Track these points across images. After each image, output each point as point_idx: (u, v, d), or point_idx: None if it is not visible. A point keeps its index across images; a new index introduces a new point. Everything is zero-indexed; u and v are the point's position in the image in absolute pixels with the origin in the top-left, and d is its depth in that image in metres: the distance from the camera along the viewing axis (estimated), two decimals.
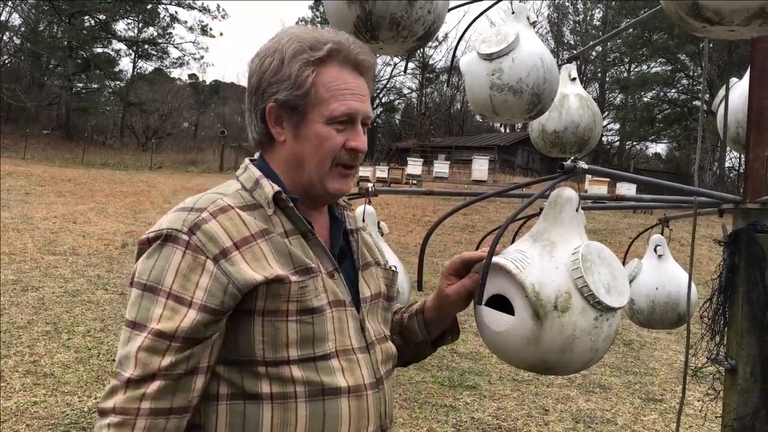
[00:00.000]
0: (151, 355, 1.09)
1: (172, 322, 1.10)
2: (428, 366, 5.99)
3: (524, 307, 1.31)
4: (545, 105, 2.12)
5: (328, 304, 1.20)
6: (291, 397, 1.14)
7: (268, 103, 1.23)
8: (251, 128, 1.29)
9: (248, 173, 1.27)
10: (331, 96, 1.22)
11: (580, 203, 1.40)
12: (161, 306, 1.11)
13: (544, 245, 1.36)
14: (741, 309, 1.70)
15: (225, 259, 1.13)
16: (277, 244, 1.18)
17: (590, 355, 1.33)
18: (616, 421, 5.05)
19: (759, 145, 1.77)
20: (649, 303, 2.61)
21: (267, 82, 1.23)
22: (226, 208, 1.18)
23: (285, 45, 1.23)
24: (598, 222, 16.80)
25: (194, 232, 1.13)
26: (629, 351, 7.17)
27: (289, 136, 1.24)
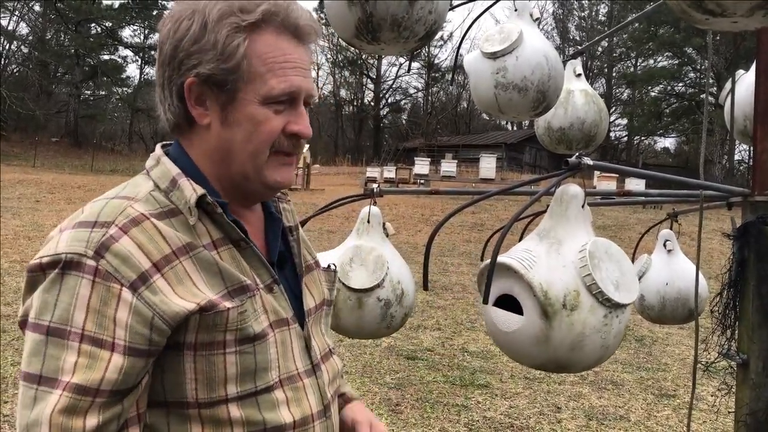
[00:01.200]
0: (71, 416, 0.87)
1: (94, 373, 0.88)
2: (439, 365, 5.99)
3: (533, 307, 1.30)
4: (550, 102, 2.11)
5: (270, 326, 1.01)
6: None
7: (187, 78, 0.99)
8: (164, 107, 1.04)
9: (162, 168, 1.03)
10: (268, 70, 0.99)
11: (586, 199, 1.39)
12: (74, 352, 0.88)
13: (551, 243, 1.36)
14: (752, 303, 1.69)
15: (145, 285, 0.91)
16: (204, 261, 0.97)
17: (601, 353, 1.32)
18: (629, 418, 5.02)
19: (767, 137, 1.75)
20: (659, 299, 2.60)
21: (185, 51, 0.99)
22: (138, 218, 0.95)
23: (207, 5, 0.99)
24: (607, 218, 16.74)
25: (102, 254, 0.90)
26: (641, 347, 7.14)
27: (215, 119, 1.01)
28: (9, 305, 6.86)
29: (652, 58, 39.25)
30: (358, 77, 46.39)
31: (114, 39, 40.23)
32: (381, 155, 37.85)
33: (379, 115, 47.08)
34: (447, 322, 7.63)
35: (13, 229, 11.04)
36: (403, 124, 49.39)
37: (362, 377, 5.47)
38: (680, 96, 38.09)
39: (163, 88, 1.03)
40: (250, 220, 1.09)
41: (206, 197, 0.99)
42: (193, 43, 0.98)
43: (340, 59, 45.00)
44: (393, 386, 5.34)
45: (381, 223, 2.08)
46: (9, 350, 5.47)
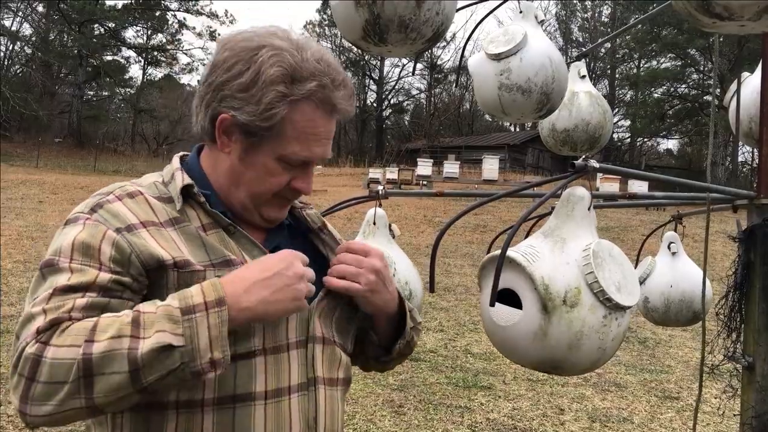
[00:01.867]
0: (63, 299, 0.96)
1: (84, 278, 0.98)
2: (442, 367, 5.99)
3: (533, 301, 1.30)
4: (554, 104, 2.11)
5: None
6: (197, 405, 1.02)
7: (223, 112, 1.08)
8: (197, 118, 1.14)
9: (170, 166, 1.17)
10: (296, 137, 1.09)
11: (592, 202, 1.39)
12: (67, 272, 0.99)
13: (555, 241, 1.36)
14: (757, 305, 1.69)
15: (129, 232, 1.03)
16: (190, 234, 1.07)
17: (598, 355, 1.32)
18: (633, 420, 5.01)
19: None
20: (663, 301, 2.59)
21: (230, 91, 1.07)
22: (134, 193, 1.09)
23: (265, 61, 1.06)
24: (610, 219, 16.71)
25: (96, 210, 1.05)
26: (644, 349, 7.13)
27: (234, 153, 1.11)
28: (12, 305, 6.87)
29: (655, 60, 39.21)
30: (361, 78, 46.39)
31: (117, 40, 40.28)
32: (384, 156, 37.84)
33: (382, 116, 47.10)
34: (450, 323, 7.63)
35: (16, 230, 11.06)
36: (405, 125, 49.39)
37: (365, 379, 5.46)
38: (683, 98, 38.05)
39: (201, 101, 1.12)
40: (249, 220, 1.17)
41: (192, 187, 1.10)
42: (241, 90, 1.07)
43: (342, 60, 45.03)
44: (396, 388, 5.34)
45: (387, 224, 2.08)
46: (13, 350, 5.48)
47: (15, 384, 0.92)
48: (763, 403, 1.66)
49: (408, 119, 49.87)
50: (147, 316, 0.93)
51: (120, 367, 0.89)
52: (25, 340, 0.92)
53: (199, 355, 0.93)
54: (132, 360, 0.89)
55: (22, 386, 0.91)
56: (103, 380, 0.89)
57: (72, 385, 0.89)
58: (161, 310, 0.93)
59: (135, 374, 0.90)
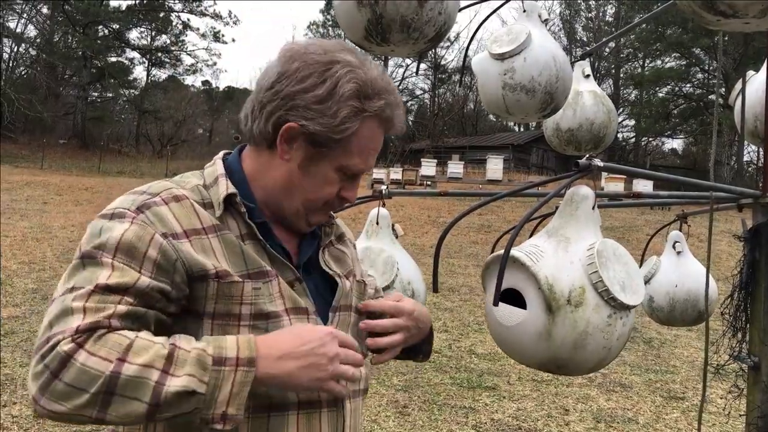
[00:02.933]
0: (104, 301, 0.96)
1: (125, 278, 0.98)
2: (446, 368, 5.98)
3: (537, 300, 1.30)
4: (559, 103, 2.11)
5: (285, 311, 1.10)
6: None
7: (291, 121, 1.10)
8: (254, 123, 1.15)
9: (213, 168, 1.18)
10: (359, 151, 1.14)
11: (596, 201, 1.39)
12: (108, 268, 0.99)
13: (559, 240, 1.36)
14: (763, 305, 1.68)
15: (174, 238, 1.04)
16: (229, 242, 1.09)
17: (603, 354, 1.32)
18: (638, 420, 5.00)
19: None
20: (668, 300, 2.59)
21: (304, 102, 1.10)
22: (180, 196, 1.09)
23: (341, 76, 1.10)
24: (615, 219, 16.67)
25: (143, 210, 1.05)
26: (649, 349, 7.11)
27: (294, 161, 1.13)
28: (17, 306, 6.89)
29: (659, 59, 39.11)
30: None
31: (121, 41, 40.38)
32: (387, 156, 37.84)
33: None
34: (454, 323, 7.62)
35: (21, 231, 11.09)
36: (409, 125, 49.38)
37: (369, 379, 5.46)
38: (688, 97, 37.93)
39: (262, 108, 1.12)
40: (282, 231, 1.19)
41: (236, 196, 1.12)
42: (316, 102, 1.09)
43: None
44: (400, 388, 5.33)
45: (390, 224, 2.08)
46: (18, 351, 5.49)
47: (38, 372, 0.91)
48: None
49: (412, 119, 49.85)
50: (181, 353, 0.94)
51: (142, 396, 0.91)
52: (61, 334, 0.92)
53: (214, 406, 0.94)
54: (156, 395, 0.91)
55: (44, 378, 0.91)
56: (122, 402, 0.91)
57: (92, 396, 0.90)
58: (195, 354, 0.94)
59: (153, 408, 0.91)
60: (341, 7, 1.55)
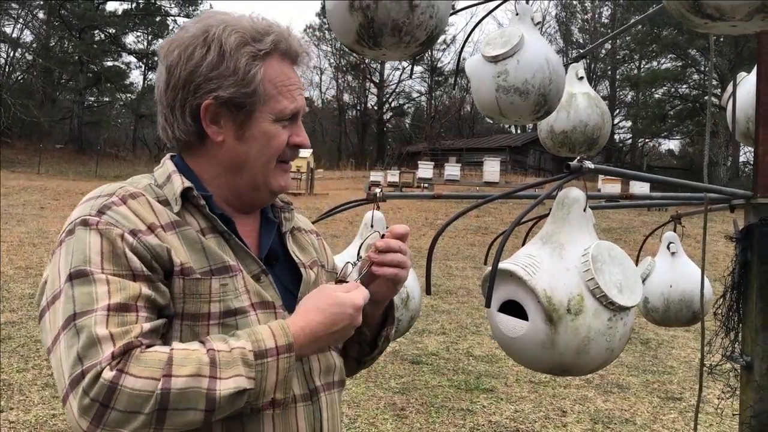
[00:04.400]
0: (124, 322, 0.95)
1: (129, 291, 0.97)
2: (444, 370, 5.98)
3: (537, 312, 1.31)
4: (552, 105, 2.12)
5: (252, 306, 1.09)
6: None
7: (204, 100, 1.09)
8: (171, 128, 1.13)
9: (163, 168, 1.16)
10: (279, 92, 1.13)
11: (588, 203, 1.39)
12: (103, 283, 0.96)
13: (554, 247, 1.36)
14: (755, 305, 1.69)
15: (142, 235, 1.02)
16: (190, 238, 1.07)
17: (606, 355, 1.33)
18: (635, 421, 5.00)
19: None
20: (663, 301, 2.59)
21: (203, 76, 1.09)
22: (136, 194, 1.07)
23: (221, 35, 1.09)
24: (612, 221, 16.70)
25: (103, 212, 1.02)
26: (647, 350, 7.12)
27: (229, 136, 1.12)
28: (14, 312, 6.88)
29: (655, 60, 39.22)
30: (361, 81, 46.43)
31: (117, 45, 40.38)
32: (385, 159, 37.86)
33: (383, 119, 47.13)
34: (452, 326, 7.63)
35: (18, 236, 11.08)
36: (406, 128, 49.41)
37: (367, 382, 5.46)
38: (684, 98, 38.02)
39: (173, 109, 1.12)
40: (243, 222, 1.17)
41: (192, 190, 1.09)
42: (212, 69, 1.08)
43: (342, 63, 45.09)
44: (398, 391, 5.33)
45: (385, 227, 2.09)
46: (14, 357, 5.48)
47: (86, 406, 0.90)
48: (762, 402, 1.66)
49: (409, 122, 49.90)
50: (222, 355, 0.95)
51: (197, 405, 0.92)
52: (99, 365, 0.91)
53: (263, 395, 0.97)
54: (210, 400, 0.92)
55: (95, 411, 0.90)
56: (178, 415, 0.92)
57: (147, 416, 0.90)
58: (237, 353, 0.96)
59: (209, 414, 0.93)
60: (333, 11, 1.56)
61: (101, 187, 1.10)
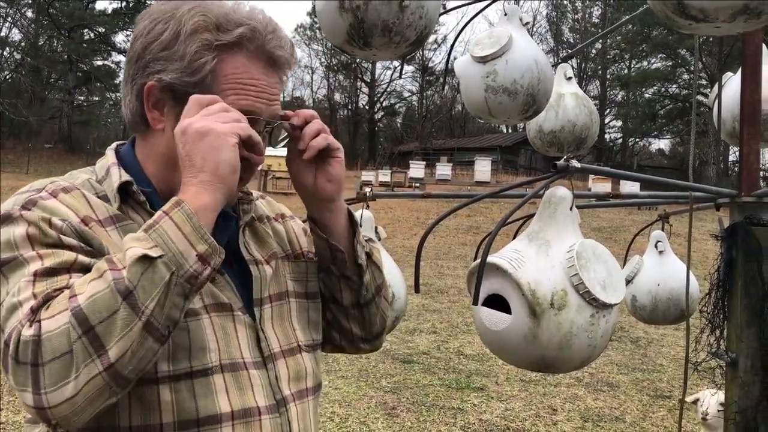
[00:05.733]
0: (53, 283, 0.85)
1: (62, 257, 0.88)
2: (435, 369, 6.00)
3: (521, 306, 1.32)
4: (540, 105, 2.13)
5: (204, 308, 0.98)
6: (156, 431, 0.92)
7: (148, 81, 1.00)
8: (124, 102, 1.05)
9: (103, 161, 1.06)
10: (230, 89, 0.99)
11: (575, 201, 1.41)
12: (36, 259, 0.87)
13: (540, 244, 1.38)
14: (740, 302, 1.71)
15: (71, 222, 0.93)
16: (127, 230, 0.95)
17: (588, 352, 1.35)
18: (625, 419, 5.04)
19: (753, 138, 1.78)
20: (651, 299, 2.62)
21: (152, 54, 0.99)
22: (69, 188, 0.98)
23: (184, 15, 0.99)
24: (602, 220, 16.78)
25: (29, 207, 0.92)
26: (636, 348, 7.16)
27: (168, 127, 1.00)
28: None
29: (645, 60, 39.42)
30: (353, 81, 46.43)
31: (107, 44, 40.17)
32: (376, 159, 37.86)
33: (374, 119, 47.15)
34: (443, 325, 7.65)
35: None
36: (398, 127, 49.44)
37: (358, 381, 5.47)
38: (674, 97, 38.24)
39: (126, 83, 1.04)
40: None
41: (131, 184, 1.00)
42: (162, 49, 0.99)
43: (334, 63, 45.05)
44: (389, 390, 5.35)
45: (373, 227, 2.10)
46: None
47: (22, 378, 0.80)
48: (746, 398, 1.68)
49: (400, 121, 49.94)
50: (117, 253, 0.85)
51: (113, 302, 0.80)
52: (17, 326, 0.81)
53: (183, 258, 0.84)
54: (121, 289, 0.80)
55: (30, 376, 0.79)
56: (105, 326, 0.79)
57: (77, 347, 0.79)
58: (128, 238, 0.85)
59: (131, 301, 0.80)
60: (323, 12, 1.57)
61: (31, 183, 1.00)
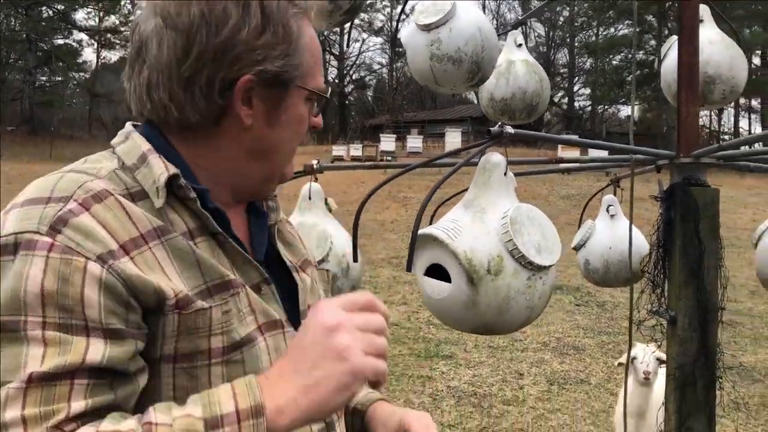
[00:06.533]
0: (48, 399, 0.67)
1: (69, 356, 0.69)
2: (405, 339, 6.06)
3: (459, 274, 1.34)
4: (486, 73, 2.13)
5: (259, 329, 0.85)
6: None
7: (242, 75, 0.83)
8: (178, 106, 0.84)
9: (131, 144, 0.86)
10: (314, 64, 0.90)
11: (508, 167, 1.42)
12: (38, 344, 0.68)
13: (475, 212, 1.40)
14: (678, 262, 1.75)
15: (114, 259, 0.74)
16: (179, 249, 0.80)
17: (527, 314, 1.37)
18: (590, 381, 5.16)
19: (690, 101, 1.80)
20: (603, 262, 2.67)
21: (245, 44, 0.82)
22: (101, 194, 0.77)
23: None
24: (571, 187, 16.98)
25: (58, 229, 0.73)
26: (602, 312, 7.31)
27: (259, 120, 0.87)
28: None
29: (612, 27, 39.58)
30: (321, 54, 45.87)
31: (67, 22, 39.15)
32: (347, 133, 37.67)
33: (344, 92, 46.80)
34: (413, 296, 7.72)
35: None
36: (368, 100, 49.18)
37: None
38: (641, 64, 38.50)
39: (191, 84, 0.83)
40: (234, 216, 0.91)
41: (179, 178, 0.82)
42: (257, 35, 0.83)
43: None
44: None
45: (323, 198, 2.10)
46: None
47: None
48: (684, 354, 1.73)
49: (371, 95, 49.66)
50: (160, 430, 0.67)
51: None
52: None
53: None
54: None
55: None
56: None
57: None
58: (179, 424, 0.67)
59: None
60: None
61: (47, 179, 0.80)
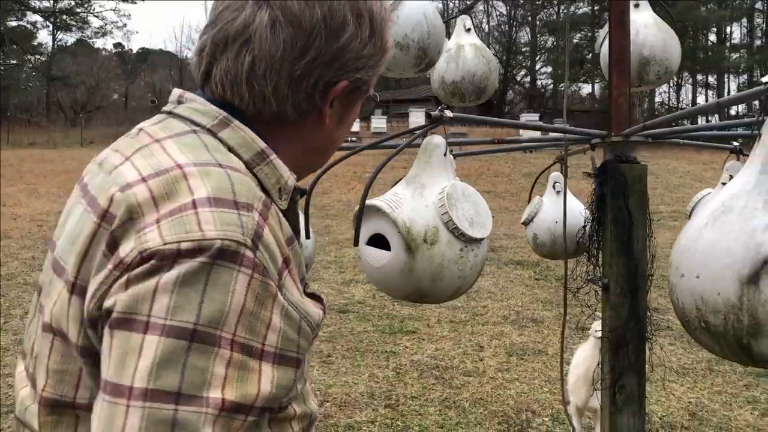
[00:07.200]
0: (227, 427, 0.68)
1: (247, 386, 0.70)
2: (370, 316, 6.20)
3: (398, 243, 1.46)
4: (433, 58, 2.24)
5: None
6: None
7: (342, 79, 0.86)
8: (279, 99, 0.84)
9: (241, 135, 0.83)
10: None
11: (448, 148, 1.54)
12: (223, 363, 0.69)
13: (416, 188, 1.51)
14: (610, 234, 1.89)
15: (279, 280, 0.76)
16: (298, 255, 0.82)
17: (459, 283, 1.50)
18: (547, 351, 5.37)
19: (621, 81, 1.93)
20: (550, 236, 2.81)
21: (354, 53, 0.86)
22: (267, 203, 0.78)
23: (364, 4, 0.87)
24: (533, 165, 17.27)
25: (257, 245, 0.72)
26: (560, 286, 7.51)
27: (333, 119, 0.91)
28: None
29: (573, 5, 39.95)
30: None
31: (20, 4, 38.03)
32: None
33: None
34: None
35: None
36: None
37: None
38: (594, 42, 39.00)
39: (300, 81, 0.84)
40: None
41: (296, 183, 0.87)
42: (363, 46, 0.87)
43: None
44: (324, 339, 5.52)
45: None
46: None
47: None
48: (616, 318, 1.88)
49: None
50: None
51: None
52: None
53: None
54: None
55: None
56: None
57: None
58: None
59: None
60: None
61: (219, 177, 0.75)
